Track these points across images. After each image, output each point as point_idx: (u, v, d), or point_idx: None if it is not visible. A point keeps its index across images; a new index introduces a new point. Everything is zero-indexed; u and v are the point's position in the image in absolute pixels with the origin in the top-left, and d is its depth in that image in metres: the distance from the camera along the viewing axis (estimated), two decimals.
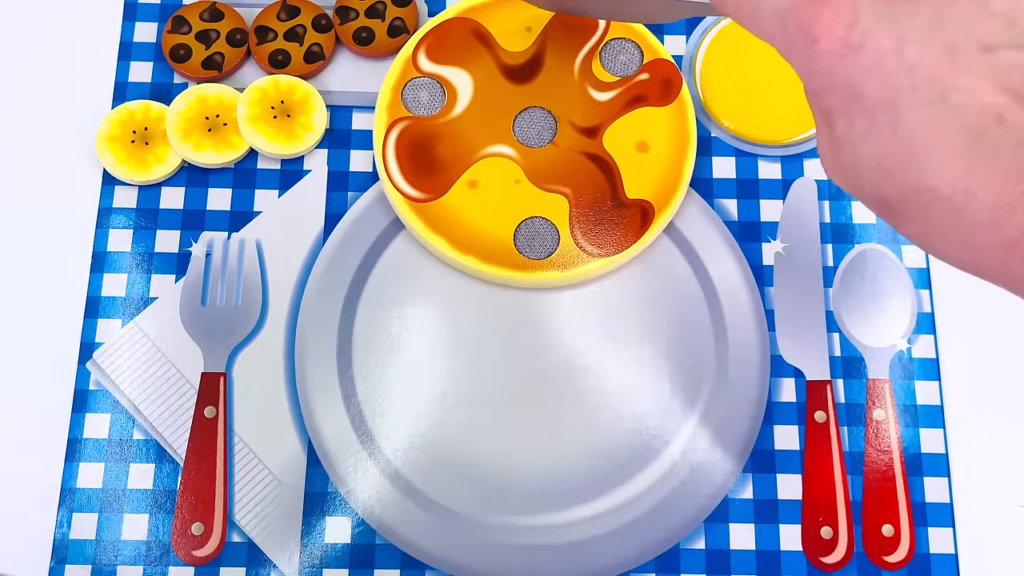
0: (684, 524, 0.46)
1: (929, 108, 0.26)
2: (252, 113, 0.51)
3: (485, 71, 0.51)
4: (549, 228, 0.49)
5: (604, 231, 0.49)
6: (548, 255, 0.48)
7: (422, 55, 0.51)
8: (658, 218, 0.49)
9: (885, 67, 0.27)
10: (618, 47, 0.51)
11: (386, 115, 0.50)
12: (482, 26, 0.52)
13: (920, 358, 0.49)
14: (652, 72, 0.51)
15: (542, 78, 0.51)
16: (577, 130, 0.50)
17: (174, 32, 0.53)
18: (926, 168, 0.26)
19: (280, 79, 0.52)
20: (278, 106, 0.51)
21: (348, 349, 0.49)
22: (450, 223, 0.49)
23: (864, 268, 0.51)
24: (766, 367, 0.49)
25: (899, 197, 0.28)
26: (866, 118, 0.27)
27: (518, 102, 0.51)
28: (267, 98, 0.51)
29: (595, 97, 0.51)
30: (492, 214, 0.49)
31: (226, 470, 0.47)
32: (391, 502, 0.46)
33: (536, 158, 0.50)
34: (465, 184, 0.49)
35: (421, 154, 0.49)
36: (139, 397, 0.48)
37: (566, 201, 0.49)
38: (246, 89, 0.52)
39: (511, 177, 0.49)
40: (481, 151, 0.50)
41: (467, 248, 0.48)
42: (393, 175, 0.49)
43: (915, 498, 0.47)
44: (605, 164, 0.50)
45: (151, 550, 0.46)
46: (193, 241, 0.50)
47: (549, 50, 0.51)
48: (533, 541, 0.46)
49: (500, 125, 0.50)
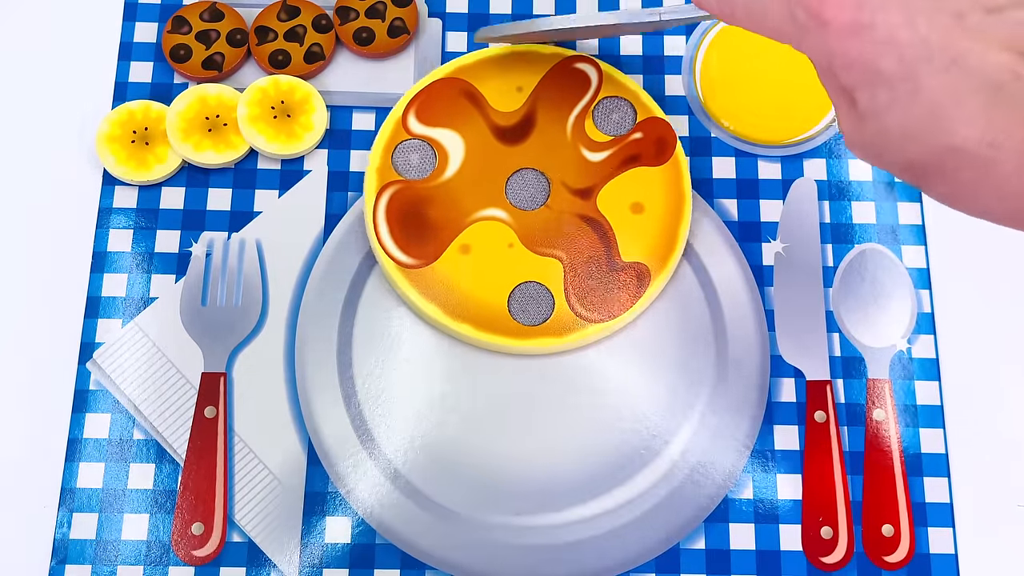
0: (684, 524, 0.46)
1: (946, 74, 0.27)
2: (252, 113, 0.51)
3: (476, 132, 0.50)
4: (544, 293, 0.48)
5: (600, 296, 0.48)
6: (543, 321, 0.47)
7: (412, 117, 0.50)
8: (654, 281, 0.48)
9: (899, 40, 0.28)
10: (611, 106, 0.50)
11: (376, 179, 0.49)
12: (473, 86, 0.51)
13: (920, 358, 0.49)
14: (646, 131, 0.50)
15: (534, 139, 0.50)
16: (571, 192, 0.49)
17: (174, 32, 0.53)
18: (951, 129, 0.28)
19: (280, 79, 0.52)
20: (278, 106, 0.51)
21: (348, 349, 0.49)
22: (443, 289, 0.48)
23: (864, 268, 0.51)
24: (766, 367, 0.49)
25: (928, 159, 0.29)
26: (887, 89, 0.28)
27: (510, 164, 0.50)
28: (267, 98, 0.51)
29: (588, 157, 0.50)
30: (485, 280, 0.48)
31: (226, 470, 0.47)
32: (391, 502, 0.46)
33: (529, 221, 0.49)
34: (457, 249, 0.48)
35: (413, 219, 0.49)
36: (139, 397, 0.48)
37: (560, 265, 0.48)
38: (246, 89, 0.52)
39: (504, 241, 0.49)
40: (473, 214, 0.49)
41: (460, 315, 0.47)
42: (384, 241, 0.48)
43: (915, 498, 0.47)
44: (599, 226, 0.49)
45: (151, 550, 0.46)
46: (193, 241, 0.50)
47: (541, 110, 0.51)
48: (533, 541, 0.46)
49: (492, 188, 0.49)
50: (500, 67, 0.51)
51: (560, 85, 0.51)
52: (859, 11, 0.28)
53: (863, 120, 0.30)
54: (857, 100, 0.30)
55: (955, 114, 0.27)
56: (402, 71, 0.54)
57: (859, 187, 0.52)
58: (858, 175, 0.52)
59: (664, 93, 0.54)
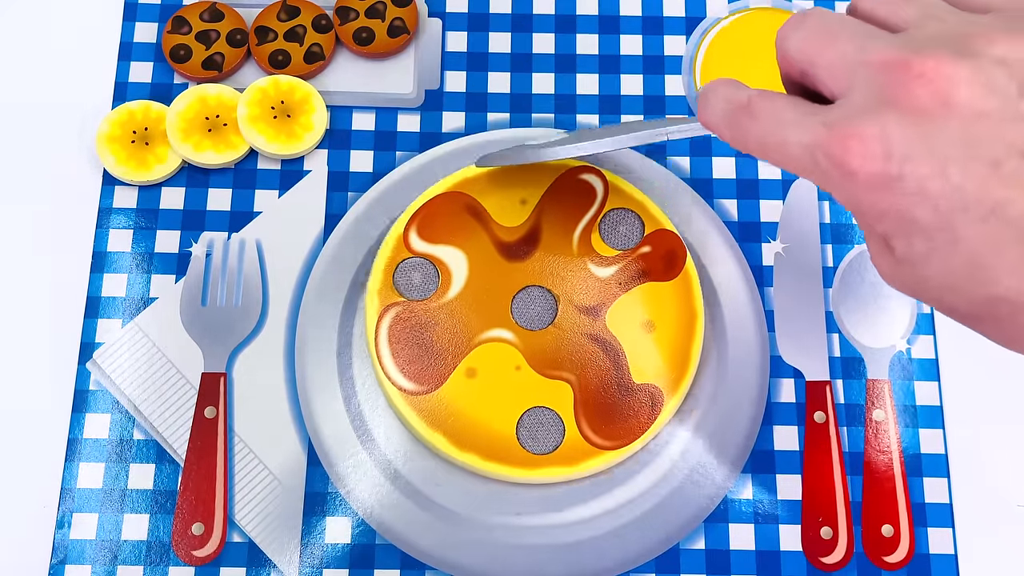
0: (684, 524, 0.46)
1: (985, 224, 0.26)
2: (252, 113, 0.51)
3: (480, 249, 0.48)
4: (554, 419, 0.46)
5: (612, 421, 0.46)
6: (554, 449, 0.46)
7: (413, 234, 0.48)
8: (667, 404, 0.46)
9: (932, 192, 0.27)
10: (617, 218, 0.49)
11: (378, 301, 0.47)
12: (475, 200, 0.49)
13: (919, 358, 0.49)
14: (654, 244, 0.48)
15: (539, 254, 0.48)
16: (579, 310, 0.47)
17: (174, 32, 0.53)
18: (994, 279, 0.27)
19: (280, 79, 0.52)
20: (278, 106, 0.51)
21: (348, 349, 0.49)
22: (449, 417, 0.46)
23: (864, 268, 0.51)
24: (766, 367, 0.49)
25: (970, 308, 0.28)
26: (924, 239, 0.27)
27: (515, 281, 0.48)
28: (267, 98, 0.51)
29: (596, 273, 0.48)
30: (492, 406, 0.46)
31: (226, 470, 0.47)
32: (391, 502, 0.46)
33: (537, 342, 0.47)
34: (463, 373, 0.46)
35: (416, 342, 0.47)
36: (139, 397, 0.48)
37: (570, 389, 0.46)
38: (246, 89, 0.52)
39: (511, 364, 0.47)
40: (479, 336, 0.47)
41: (467, 444, 0.45)
42: (387, 367, 0.46)
43: (915, 498, 0.47)
44: (610, 346, 0.47)
45: (151, 550, 0.46)
46: (193, 241, 0.50)
47: (546, 224, 0.49)
48: (533, 541, 0.46)
49: (498, 307, 0.47)
50: (503, 180, 0.50)
51: (565, 197, 0.49)
52: (887, 163, 0.27)
53: (900, 265, 0.29)
54: (894, 247, 0.28)
55: (997, 264, 0.26)
56: (402, 71, 0.54)
57: None
58: None
59: (664, 93, 0.54)
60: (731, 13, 0.55)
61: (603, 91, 0.54)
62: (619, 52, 0.54)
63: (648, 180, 0.52)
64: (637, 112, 0.53)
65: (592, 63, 0.54)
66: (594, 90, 0.54)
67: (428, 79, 0.54)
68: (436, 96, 0.53)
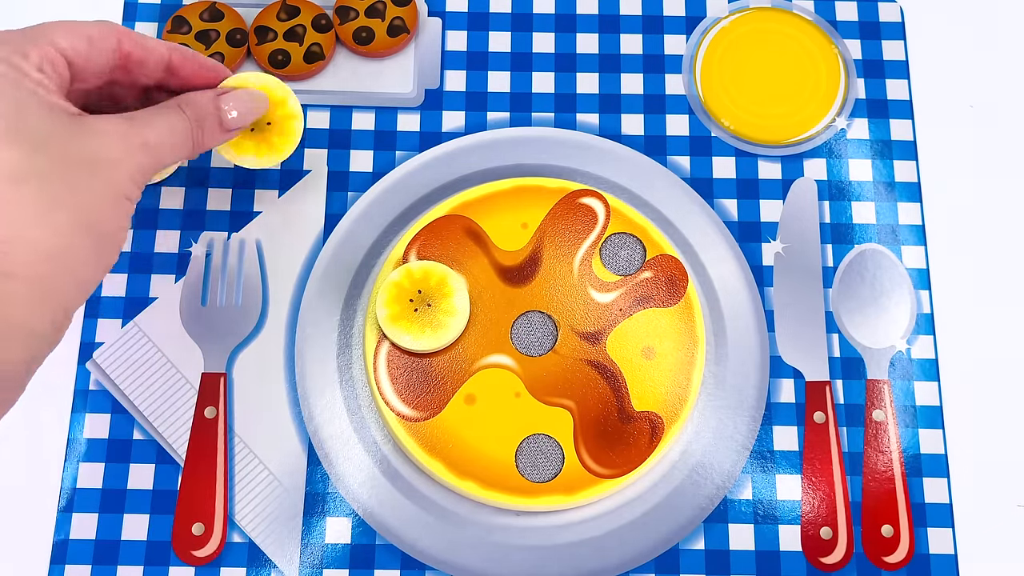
0: (683, 524, 0.46)
1: None
2: (392, 312, 0.46)
3: (480, 273, 0.48)
4: (553, 447, 0.46)
5: (612, 449, 0.45)
6: (553, 477, 0.45)
7: (413, 257, 0.48)
8: (667, 433, 0.46)
9: None
10: (619, 242, 0.48)
11: (377, 326, 0.47)
12: (475, 224, 0.48)
13: (919, 359, 0.49)
14: (655, 269, 0.48)
15: (540, 279, 0.48)
16: (579, 336, 0.47)
17: (174, 32, 0.53)
18: None
19: (413, 268, 0.47)
20: (416, 297, 0.47)
21: (348, 349, 0.49)
22: (447, 444, 0.45)
23: (864, 268, 0.51)
24: (765, 367, 0.49)
25: None
26: None
27: (515, 306, 0.47)
28: (403, 292, 0.46)
29: (596, 299, 0.48)
30: (492, 433, 0.46)
31: (226, 470, 0.47)
32: (391, 503, 0.46)
33: (536, 368, 0.47)
34: (462, 400, 0.46)
35: (415, 368, 0.46)
36: (139, 397, 0.48)
37: (570, 416, 0.46)
38: (382, 287, 0.46)
39: (511, 390, 0.46)
40: (478, 362, 0.47)
41: (465, 472, 0.45)
42: (386, 394, 0.46)
43: (914, 499, 0.47)
44: (610, 373, 0.47)
45: (151, 550, 0.46)
46: (193, 241, 0.50)
47: (546, 247, 0.48)
48: (533, 541, 0.46)
49: (497, 332, 0.47)
50: (504, 203, 0.49)
51: (566, 221, 0.49)
52: None
53: None
54: None
55: None
56: (402, 71, 0.54)
57: (859, 187, 0.52)
58: (858, 175, 0.52)
59: (664, 93, 0.54)
60: (731, 13, 0.55)
61: (603, 90, 0.54)
62: (619, 51, 0.54)
63: (648, 180, 0.52)
64: (637, 111, 0.53)
65: (592, 62, 0.54)
66: (594, 89, 0.54)
67: (428, 78, 0.54)
68: (436, 95, 0.53)
